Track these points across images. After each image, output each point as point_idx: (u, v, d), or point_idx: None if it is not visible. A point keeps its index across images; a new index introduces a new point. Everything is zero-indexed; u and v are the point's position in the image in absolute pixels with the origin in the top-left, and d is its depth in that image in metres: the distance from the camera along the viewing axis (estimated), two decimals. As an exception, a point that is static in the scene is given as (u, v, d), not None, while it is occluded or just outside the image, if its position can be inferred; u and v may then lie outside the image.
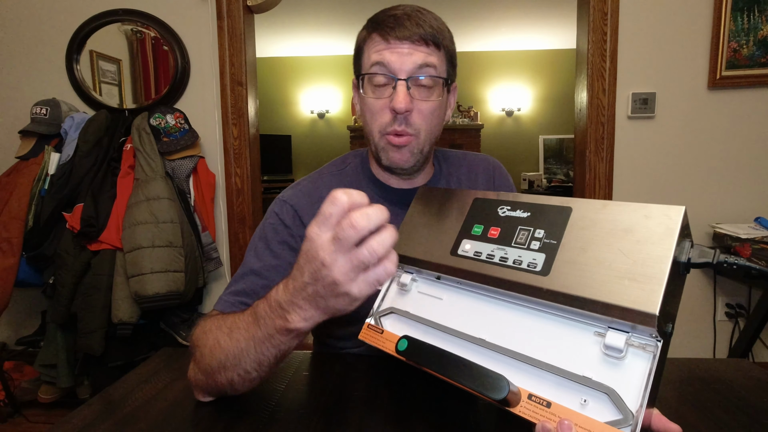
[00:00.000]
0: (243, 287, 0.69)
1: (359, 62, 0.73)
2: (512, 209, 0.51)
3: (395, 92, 0.67)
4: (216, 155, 1.87)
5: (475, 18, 4.05)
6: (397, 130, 0.69)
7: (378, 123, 0.71)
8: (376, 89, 0.70)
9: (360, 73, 0.72)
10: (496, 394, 0.39)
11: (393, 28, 0.67)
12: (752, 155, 1.79)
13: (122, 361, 1.58)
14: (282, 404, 0.58)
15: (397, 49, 0.67)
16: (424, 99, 0.69)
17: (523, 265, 0.45)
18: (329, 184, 0.78)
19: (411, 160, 0.72)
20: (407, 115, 0.69)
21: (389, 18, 0.68)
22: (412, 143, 0.71)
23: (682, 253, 0.40)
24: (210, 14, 1.82)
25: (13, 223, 1.57)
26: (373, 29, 0.70)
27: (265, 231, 0.74)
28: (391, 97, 0.68)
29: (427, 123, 0.71)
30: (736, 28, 1.72)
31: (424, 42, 0.67)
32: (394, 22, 0.67)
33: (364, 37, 0.72)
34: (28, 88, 1.87)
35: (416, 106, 0.69)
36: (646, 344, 0.38)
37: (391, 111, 0.68)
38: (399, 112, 0.67)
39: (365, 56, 0.71)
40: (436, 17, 0.71)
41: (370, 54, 0.69)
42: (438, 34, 0.68)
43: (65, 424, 0.53)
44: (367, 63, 0.70)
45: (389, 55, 0.67)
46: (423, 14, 0.69)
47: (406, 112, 0.68)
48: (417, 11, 0.69)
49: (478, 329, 0.48)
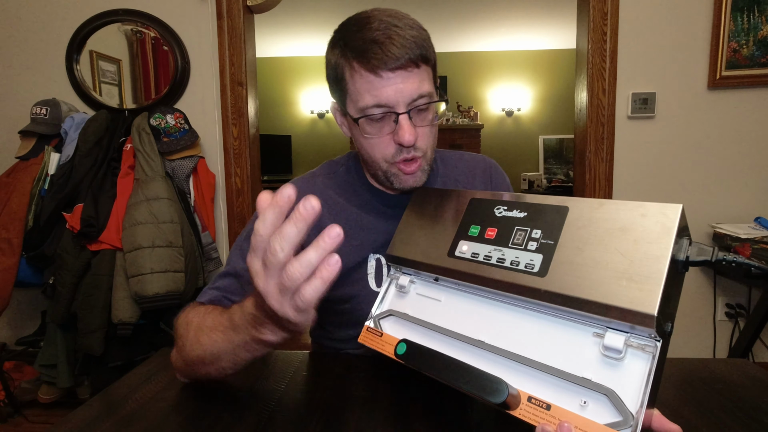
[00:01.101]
0: (227, 285, 0.69)
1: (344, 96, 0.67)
2: (509, 209, 0.51)
3: (399, 126, 0.64)
4: (216, 155, 1.87)
5: (475, 18, 4.05)
6: (406, 157, 0.67)
7: (382, 155, 0.68)
8: (374, 125, 0.66)
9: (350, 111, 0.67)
10: (495, 398, 0.39)
11: (381, 58, 0.61)
12: (752, 155, 1.79)
13: (122, 361, 1.58)
14: (282, 404, 0.58)
15: (390, 84, 0.62)
16: (423, 124, 0.68)
17: (521, 267, 0.45)
18: (322, 184, 0.78)
19: (423, 178, 0.71)
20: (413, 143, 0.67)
21: (371, 45, 0.61)
22: (422, 165, 0.70)
23: (680, 251, 0.40)
24: (210, 14, 1.82)
25: (13, 223, 1.57)
26: (354, 58, 0.63)
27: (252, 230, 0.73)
28: (394, 131, 0.65)
29: (431, 141, 0.70)
30: (736, 28, 1.72)
31: (415, 65, 0.63)
32: (380, 51, 0.61)
33: (342, 66, 0.65)
34: (28, 88, 1.87)
35: (419, 132, 0.67)
36: (645, 345, 0.38)
37: (396, 143, 0.66)
38: (408, 145, 0.65)
39: (353, 92, 0.65)
40: (413, 24, 0.65)
41: (362, 93, 0.64)
42: (422, 50, 0.63)
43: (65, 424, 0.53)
44: (360, 102, 0.64)
45: (385, 93, 0.62)
46: (401, 29, 0.62)
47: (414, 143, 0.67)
48: (395, 28, 0.62)
49: (477, 331, 0.48)
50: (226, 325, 0.52)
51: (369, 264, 0.73)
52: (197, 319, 0.59)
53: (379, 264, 0.74)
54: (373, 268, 0.74)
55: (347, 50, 0.64)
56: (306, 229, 0.38)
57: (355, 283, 0.73)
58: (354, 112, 0.66)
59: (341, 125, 0.74)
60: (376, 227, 0.74)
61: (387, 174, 0.71)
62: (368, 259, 0.73)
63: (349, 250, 0.72)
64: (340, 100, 0.69)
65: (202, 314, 0.59)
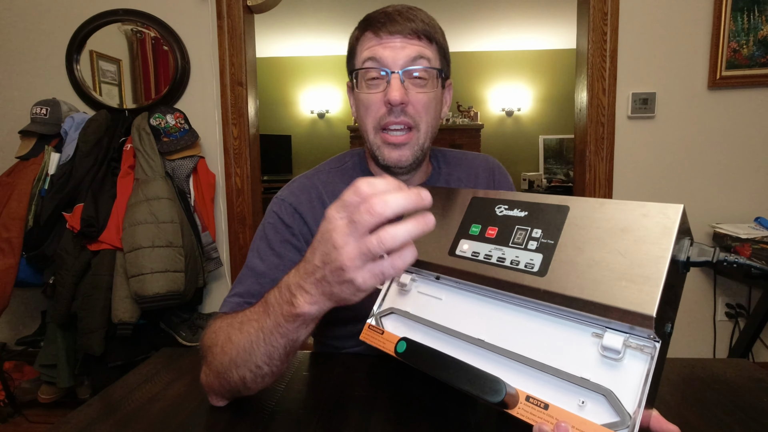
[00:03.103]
0: (247, 289, 0.69)
1: (352, 61, 0.73)
2: (510, 208, 0.51)
3: (389, 85, 0.67)
4: (216, 155, 1.87)
5: (475, 18, 4.05)
6: (393, 120, 0.68)
7: (372, 117, 0.70)
8: (369, 84, 0.70)
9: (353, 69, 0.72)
10: (493, 397, 0.39)
11: (384, 23, 0.67)
12: (752, 155, 1.79)
13: (122, 361, 1.58)
14: (282, 404, 0.58)
15: (389, 43, 0.67)
16: (418, 90, 0.69)
17: (521, 266, 0.45)
18: (326, 180, 0.78)
19: (410, 158, 0.71)
20: (403, 108, 0.68)
21: (380, 15, 0.69)
22: (412, 139, 0.70)
23: (681, 252, 0.40)
24: (210, 14, 1.82)
25: (13, 223, 1.57)
26: (364, 28, 0.70)
27: (265, 231, 0.73)
28: (385, 90, 0.68)
29: (425, 115, 0.70)
30: (736, 28, 1.72)
31: (416, 36, 0.68)
32: (385, 18, 0.68)
33: (356, 37, 0.72)
34: (28, 88, 1.87)
35: (411, 98, 0.68)
36: (644, 345, 0.38)
37: (385, 104, 0.68)
38: (394, 104, 0.67)
39: (357, 54, 0.71)
40: (428, 15, 0.71)
41: (362, 51, 0.70)
42: (429, 29, 0.69)
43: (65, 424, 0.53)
44: (360, 60, 0.70)
45: (382, 50, 0.67)
46: (414, 11, 0.69)
47: (401, 105, 0.67)
48: (408, 8, 0.69)
49: (477, 330, 0.48)
50: (258, 311, 0.50)
51: None
52: (226, 322, 0.56)
53: None
54: None
55: (361, 23, 0.72)
56: (405, 212, 0.39)
57: None
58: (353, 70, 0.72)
59: (351, 104, 0.78)
60: None
61: (373, 147, 0.72)
62: None
63: None
64: (349, 70, 0.74)
65: (230, 317, 0.57)
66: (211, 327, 0.60)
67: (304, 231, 0.72)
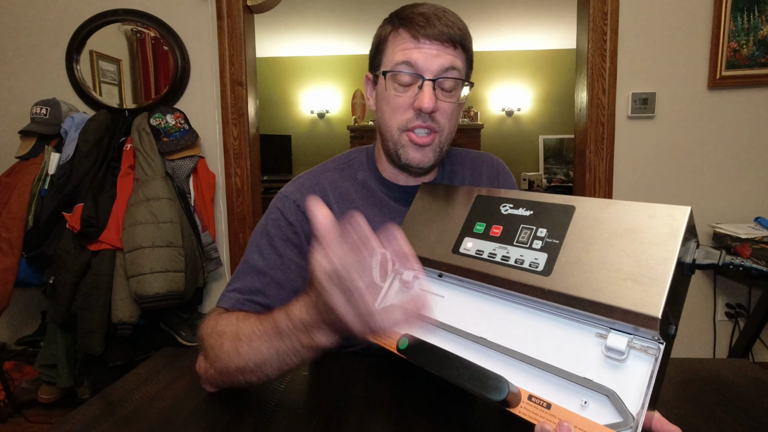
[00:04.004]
0: (247, 285, 0.68)
1: (380, 57, 0.71)
2: (515, 207, 0.51)
3: (421, 92, 0.66)
4: (216, 155, 1.87)
5: (475, 18, 4.05)
6: (420, 124, 0.68)
7: (398, 119, 0.70)
8: (399, 87, 0.69)
9: (382, 68, 0.71)
10: (495, 395, 0.39)
11: (423, 26, 0.66)
12: (752, 155, 1.79)
13: (122, 361, 1.58)
14: (282, 404, 0.58)
15: (425, 48, 0.66)
16: (446, 100, 0.69)
17: (525, 265, 0.45)
18: (332, 178, 0.78)
19: (432, 159, 0.72)
20: (431, 114, 0.68)
21: (418, 16, 0.67)
22: (435, 142, 0.70)
23: (687, 254, 0.40)
24: (210, 14, 1.82)
25: (13, 223, 1.57)
26: (400, 24, 0.68)
27: (267, 227, 0.73)
28: (416, 96, 0.67)
29: (449, 122, 0.71)
30: (736, 28, 1.72)
31: (452, 44, 0.67)
32: (424, 21, 0.66)
33: (389, 32, 0.70)
34: (28, 88, 1.86)
35: (440, 105, 0.68)
36: (648, 347, 0.38)
37: (414, 110, 0.68)
38: (426, 111, 0.67)
39: (389, 52, 0.69)
40: (461, 20, 0.71)
41: (396, 51, 0.68)
42: (464, 36, 0.69)
43: (65, 424, 0.53)
44: (392, 59, 0.68)
45: (417, 54, 0.66)
46: (450, 15, 0.69)
47: (432, 112, 0.68)
48: (444, 11, 0.69)
49: (480, 328, 0.48)
50: (270, 333, 0.51)
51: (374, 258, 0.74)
52: (230, 328, 0.57)
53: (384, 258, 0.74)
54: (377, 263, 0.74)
55: (396, 19, 0.69)
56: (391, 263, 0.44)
57: None
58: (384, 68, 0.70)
59: (368, 98, 0.77)
60: (383, 221, 0.74)
61: (397, 145, 0.72)
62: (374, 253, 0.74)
63: None
64: (375, 64, 0.73)
65: (234, 323, 0.58)
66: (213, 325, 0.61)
67: (306, 229, 0.72)
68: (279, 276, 0.69)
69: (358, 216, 0.43)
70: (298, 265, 0.70)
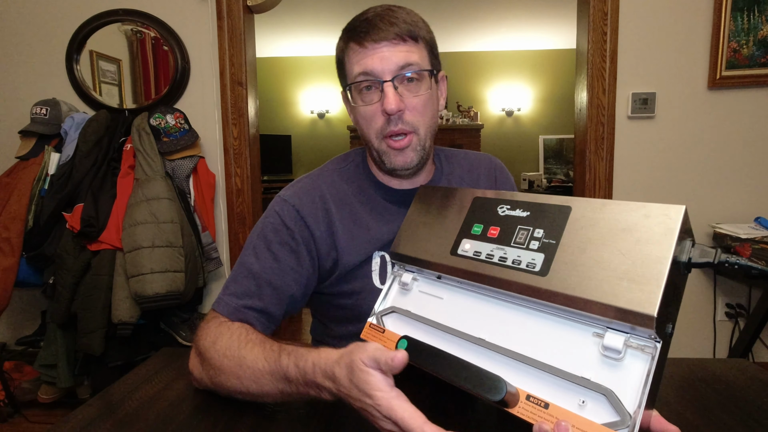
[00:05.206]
0: (243, 289, 0.68)
1: (343, 74, 0.73)
2: (512, 208, 0.51)
3: (384, 95, 0.67)
4: (216, 155, 1.87)
5: (475, 18, 4.05)
6: (393, 130, 0.69)
7: (374, 128, 0.71)
8: (364, 96, 0.70)
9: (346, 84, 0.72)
10: (493, 395, 0.39)
11: (367, 32, 0.67)
12: (752, 155, 1.79)
13: (122, 361, 1.58)
14: (282, 404, 0.58)
15: (376, 53, 0.67)
16: (413, 95, 0.69)
17: (522, 266, 0.45)
18: (331, 181, 0.78)
19: (415, 159, 0.72)
20: (401, 114, 0.68)
21: (362, 23, 0.68)
22: (413, 142, 0.70)
23: (682, 253, 0.40)
24: (210, 14, 1.82)
25: (13, 223, 1.57)
26: (348, 38, 0.70)
27: (264, 230, 0.72)
28: (381, 100, 0.68)
29: (423, 117, 0.71)
30: (736, 28, 1.72)
31: (401, 39, 0.67)
32: (367, 26, 0.67)
33: (342, 48, 0.72)
34: (28, 88, 1.87)
35: (407, 103, 0.68)
36: (645, 345, 0.38)
37: (383, 114, 0.68)
38: (391, 113, 0.67)
39: (348, 67, 0.71)
40: (409, 11, 0.70)
41: (352, 64, 0.69)
42: (413, 28, 0.68)
43: (65, 424, 0.53)
44: (351, 73, 0.70)
45: (370, 60, 0.67)
46: (394, 11, 0.68)
47: (399, 112, 0.68)
48: (388, 10, 0.68)
49: (478, 329, 0.48)
50: (276, 376, 0.53)
51: (373, 261, 0.74)
52: (232, 352, 0.58)
53: (383, 261, 0.74)
54: (377, 265, 0.74)
55: (344, 34, 0.71)
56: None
57: (358, 279, 0.73)
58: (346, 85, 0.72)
59: (350, 114, 0.78)
60: (381, 225, 0.74)
61: (379, 153, 0.72)
62: (373, 256, 0.74)
63: (353, 247, 0.72)
64: (342, 82, 0.74)
65: (236, 346, 0.58)
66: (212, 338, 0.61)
67: (305, 235, 0.71)
68: (274, 280, 0.69)
69: None
70: (294, 270, 0.70)
